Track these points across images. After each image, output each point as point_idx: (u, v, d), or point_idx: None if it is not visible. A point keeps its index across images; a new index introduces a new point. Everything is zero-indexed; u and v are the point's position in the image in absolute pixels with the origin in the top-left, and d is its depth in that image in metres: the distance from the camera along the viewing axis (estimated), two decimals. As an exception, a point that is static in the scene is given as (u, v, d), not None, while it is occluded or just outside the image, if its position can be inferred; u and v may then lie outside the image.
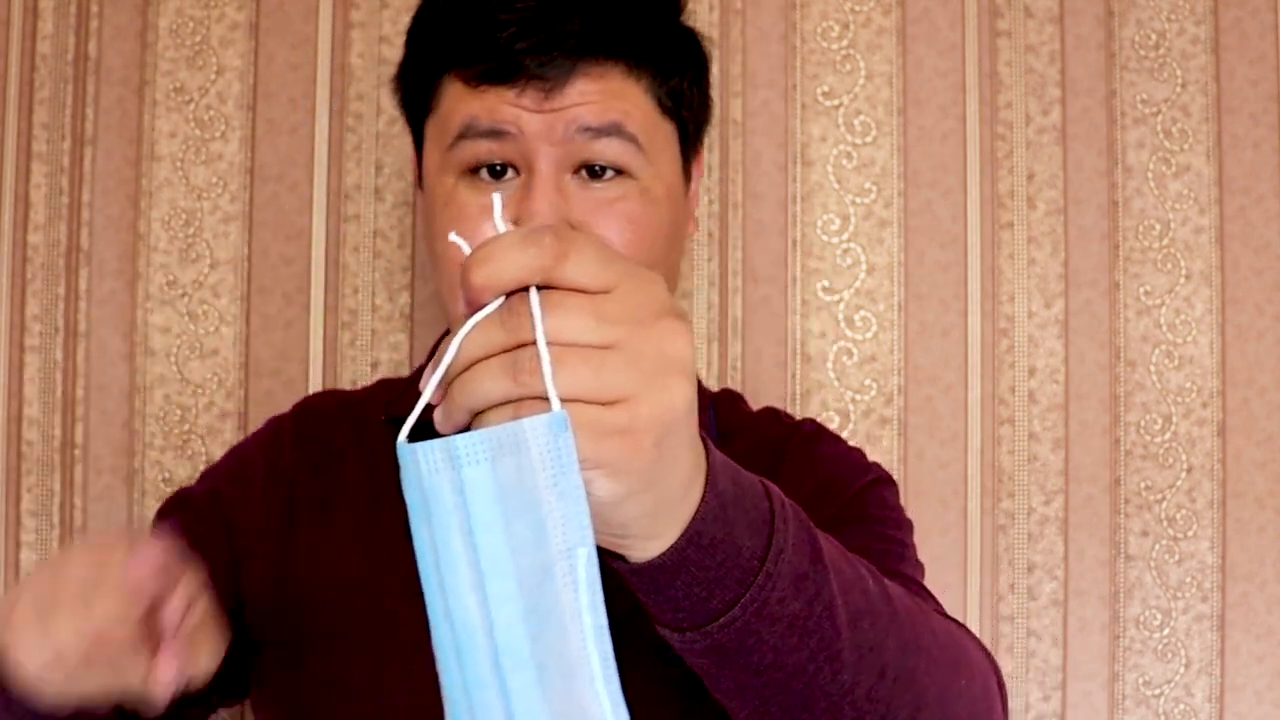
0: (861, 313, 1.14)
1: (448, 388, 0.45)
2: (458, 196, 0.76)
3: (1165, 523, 1.13)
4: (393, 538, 0.75)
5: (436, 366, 0.45)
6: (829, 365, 1.13)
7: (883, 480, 0.84)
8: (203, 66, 1.14)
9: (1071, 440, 1.13)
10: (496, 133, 0.74)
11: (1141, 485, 1.13)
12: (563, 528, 0.42)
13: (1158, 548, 1.13)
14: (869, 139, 1.15)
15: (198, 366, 1.12)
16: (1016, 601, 1.12)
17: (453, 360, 0.44)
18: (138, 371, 1.12)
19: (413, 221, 1.14)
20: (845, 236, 1.14)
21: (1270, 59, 1.16)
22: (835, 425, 1.13)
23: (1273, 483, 1.13)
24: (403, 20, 1.14)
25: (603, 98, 0.74)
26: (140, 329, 1.13)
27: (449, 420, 0.45)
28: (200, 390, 1.12)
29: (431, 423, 0.45)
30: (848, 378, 1.13)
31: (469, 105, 0.75)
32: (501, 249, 0.43)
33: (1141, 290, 1.14)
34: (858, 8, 1.15)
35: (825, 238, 1.14)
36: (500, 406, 0.43)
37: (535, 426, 0.42)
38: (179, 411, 1.12)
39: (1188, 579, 1.13)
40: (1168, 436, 1.14)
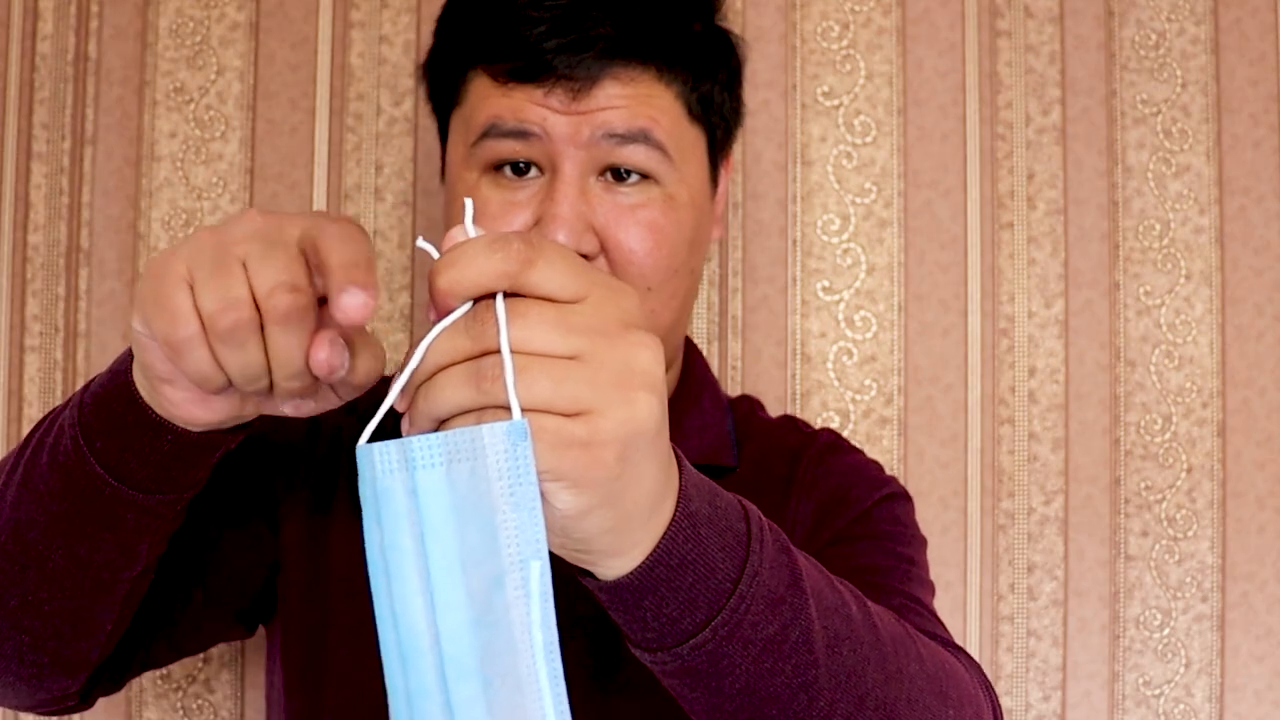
0: (861, 313, 1.14)
1: (414, 394, 0.44)
2: (479, 193, 0.75)
3: (1165, 523, 1.13)
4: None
5: (402, 371, 0.44)
6: (829, 365, 1.13)
7: (898, 496, 0.83)
8: (203, 66, 1.14)
9: (1071, 440, 1.13)
10: (522, 133, 0.73)
11: (1141, 485, 1.13)
12: (516, 539, 0.42)
13: (1158, 548, 1.13)
14: (869, 139, 1.15)
15: (198, 366, 1.12)
16: (1016, 601, 1.12)
17: (418, 366, 0.43)
18: (138, 371, 1.12)
19: (413, 221, 1.14)
20: (845, 236, 1.14)
21: (1270, 59, 1.16)
22: (835, 425, 1.13)
23: (1273, 483, 1.13)
24: (402, 20, 1.14)
25: (631, 103, 0.73)
26: (140, 329, 1.13)
27: (414, 427, 0.44)
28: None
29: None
30: (848, 378, 1.13)
31: (495, 103, 0.74)
32: (469, 254, 0.43)
33: (1141, 290, 1.14)
34: (858, 8, 1.15)
35: (825, 238, 1.14)
36: (464, 415, 0.43)
37: (494, 433, 0.41)
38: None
39: (1188, 579, 1.13)
40: (1168, 437, 1.14)
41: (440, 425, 0.44)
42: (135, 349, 0.53)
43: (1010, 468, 1.13)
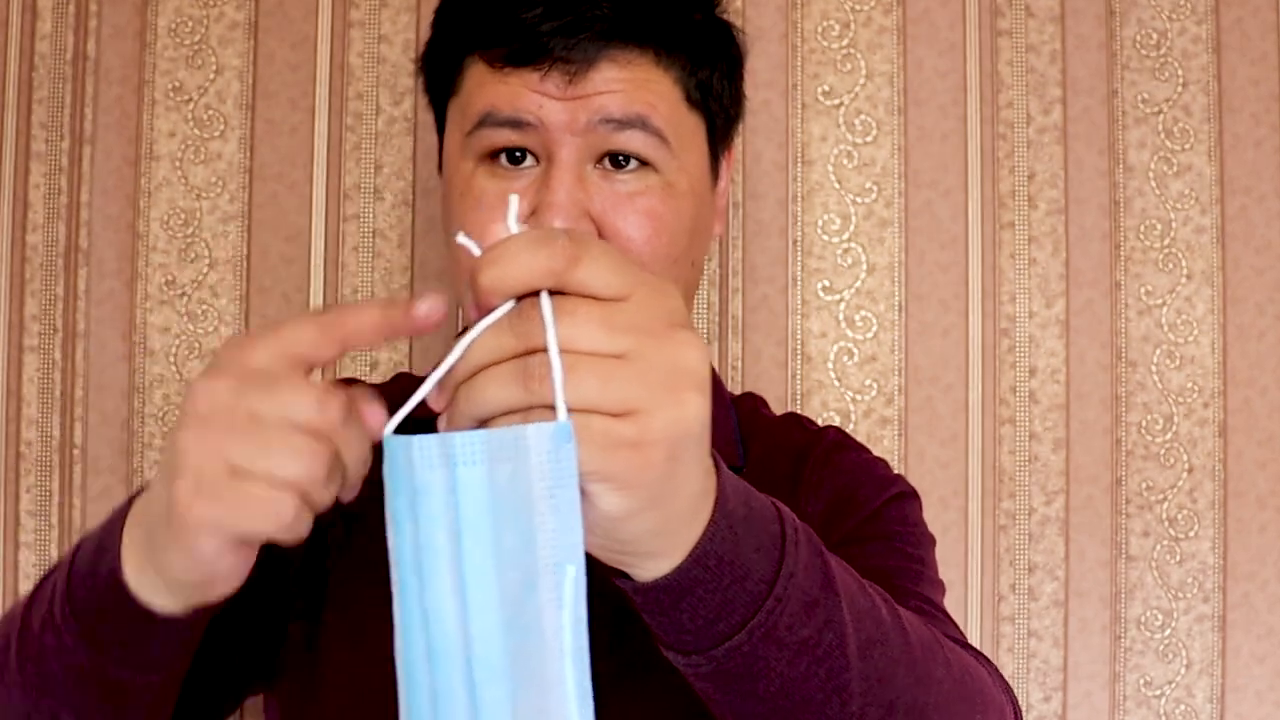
0: (862, 313, 1.13)
1: (454, 392, 0.43)
2: (475, 183, 0.74)
3: (1166, 523, 1.13)
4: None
5: (441, 368, 0.43)
6: (829, 365, 1.13)
7: (906, 495, 0.82)
8: (202, 66, 1.14)
9: (1072, 440, 1.13)
10: (517, 122, 0.72)
11: (1142, 485, 1.13)
12: (553, 542, 0.41)
13: (1159, 548, 1.13)
14: (869, 138, 1.14)
15: (197, 366, 1.12)
16: (1017, 602, 1.12)
17: (459, 364, 0.43)
18: (137, 372, 1.12)
19: (412, 221, 1.14)
20: (845, 236, 1.14)
21: (1272, 58, 1.15)
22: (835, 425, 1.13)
23: (1274, 483, 1.13)
24: (402, 19, 1.14)
25: (628, 87, 0.72)
26: (139, 329, 1.12)
27: (452, 427, 0.43)
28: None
29: (432, 428, 0.44)
30: (848, 378, 1.13)
31: (491, 91, 0.73)
32: (513, 251, 0.42)
33: (1143, 290, 1.14)
34: (858, 7, 1.15)
35: (825, 238, 1.14)
36: (508, 415, 0.42)
37: (539, 434, 0.40)
38: (178, 412, 1.12)
39: (1189, 579, 1.13)
40: (1169, 437, 1.13)
41: (480, 425, 0.43)
42: (177, 559, 0.48)
43: (1011, 468, 1.13)
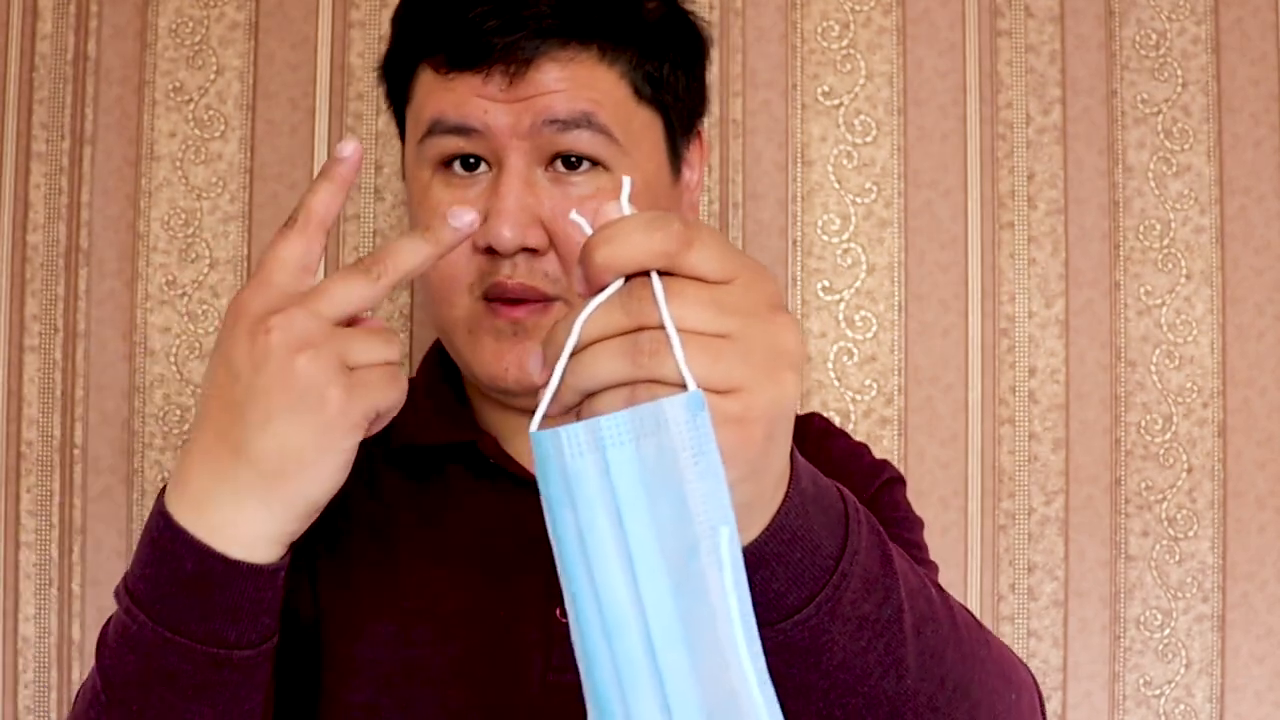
0: (862, 313, 1.14)
1: (553, 367, 0.45)
2: (431, 193, 0.74)
3: (1166, 523, 1.13)
4: (392, 568, 0.73)
5: (550, 344, 0.45)
6: (829, 365, 1.13)
7: (894, 480, 0.84)
8: (202, 66, 1.14)
9: (1072, 440, 1.13)
10: (464, 129, 0.72)
11: (1142, 485, 1.13)
12: (704, 506, 0.43)
13: (1158, 548, 1.13)
14: (869, 139, 1.14)
15: (197, 366, 1.12)
16: (1017, 602, 1.12)
17: (563, 338, 0.44)
18: (137, 371, 1.12)
19: (411, 221, 1.14)
20: (845, 236, 1.14)
21: (1271, 58, 1.15)
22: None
23: (1273, 483, 1.13)
24: (402, 20, 1.14)
25: (571, 86, 0.72)
26: (140, 329, 1.12)
27: (558, 401, 0.45)
28: (200, 390, 1.12)
29: (434, 422, 0.44)
30: (848, 378, 1.13)
31: (439, 98, 0.73)
32: (627, 230, 0.44)
33: (1142, 290, 1.14)
34: (858, 7, 1.15)
35: (825, 238, 1.14)
36: (614, 389, 0.44)
37: (674, 406, 0.42)
38: (179, 412, 1.12)
39: (1188, 579, 1.13)
40: (1168, 437, 1.14)
41: (586, 399, 0.45)
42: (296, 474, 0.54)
43: (1011, 468, 1.13)
